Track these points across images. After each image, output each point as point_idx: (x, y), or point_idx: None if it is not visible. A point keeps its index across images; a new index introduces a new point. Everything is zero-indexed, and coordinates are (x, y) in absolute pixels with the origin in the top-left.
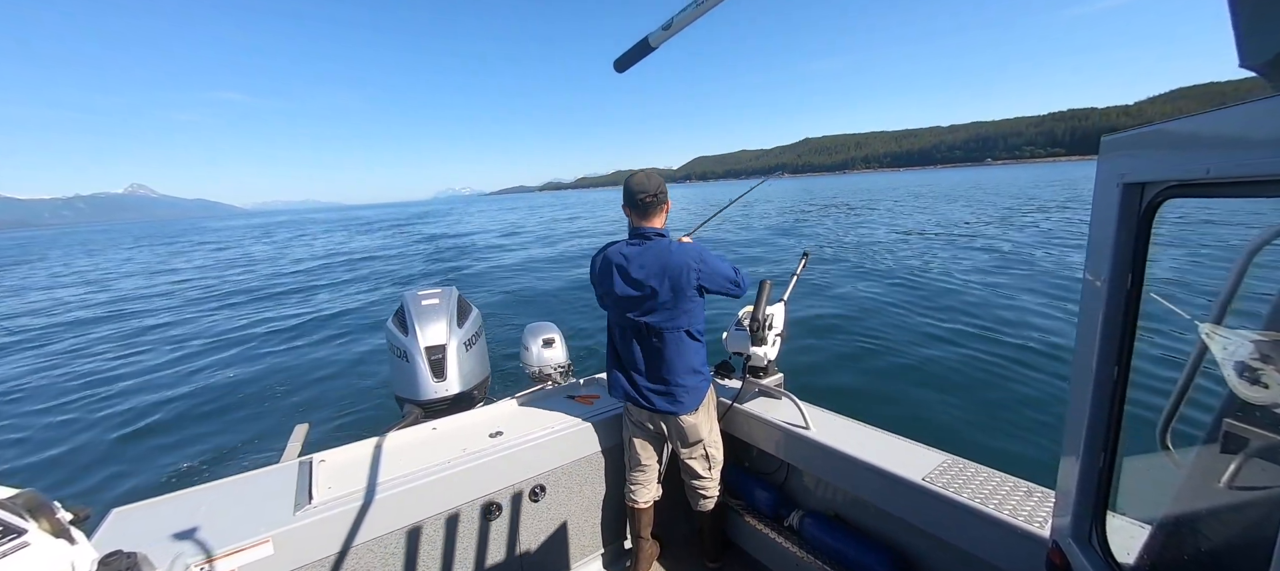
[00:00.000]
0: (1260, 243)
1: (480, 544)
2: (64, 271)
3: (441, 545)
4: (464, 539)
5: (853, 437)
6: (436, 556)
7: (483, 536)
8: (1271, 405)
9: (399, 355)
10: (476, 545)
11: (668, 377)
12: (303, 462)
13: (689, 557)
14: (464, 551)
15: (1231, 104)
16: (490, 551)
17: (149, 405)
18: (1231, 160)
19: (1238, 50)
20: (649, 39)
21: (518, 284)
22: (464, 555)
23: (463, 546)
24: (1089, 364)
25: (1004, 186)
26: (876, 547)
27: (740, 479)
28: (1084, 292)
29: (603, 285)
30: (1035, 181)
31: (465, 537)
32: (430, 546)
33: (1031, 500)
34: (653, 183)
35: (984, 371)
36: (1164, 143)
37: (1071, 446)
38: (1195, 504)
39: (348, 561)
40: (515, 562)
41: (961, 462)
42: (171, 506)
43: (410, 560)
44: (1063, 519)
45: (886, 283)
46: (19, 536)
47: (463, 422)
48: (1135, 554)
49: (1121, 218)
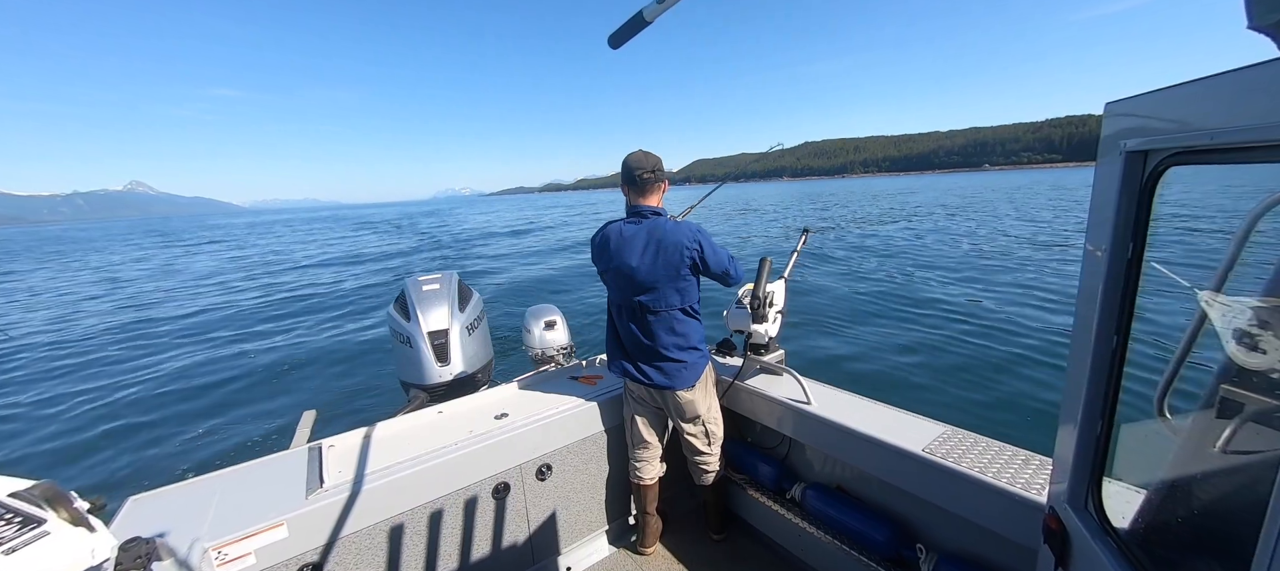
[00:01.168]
0: (1262, 209)
1: (488, 523)
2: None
3: (449, 525)
4: (472, 518)
5: (854, 411)
6: (444, 536)
7: (490, 516)
8: (1268, 370)
9: (402, 341)
10: (484, 524)
11: (664, 353)
12: (312, 448)
13: (693, 531)
14: (472, 530)
15: (1237, 67)
16: (498, 530)
17: (159, 396)
18: (1236, 127)
19: (1246, 11)
20: (644, 12)
21: (519, 270)
22: (472, 534)
23: (470, 526)
24: (1089, 332)
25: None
26: (878, 517)
27: (743, 454)
28: (1085, 262)
29: (601, 262)
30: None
31: (472, 517)
32: (438, 526)
33: (1029, 468)
34: (650, 160)
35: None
36: (1168, 109)
37: (1069, 414)
38: (1190, 468)
39: (359, 541)
40: (523, 540)
41: (961, 433)
42: (186, 493)
43: (419, 539)
44: (1059, 485)
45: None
46: (39, 525)
47: (468, 406)
48: (1130, 518)
49: (1124, 186)
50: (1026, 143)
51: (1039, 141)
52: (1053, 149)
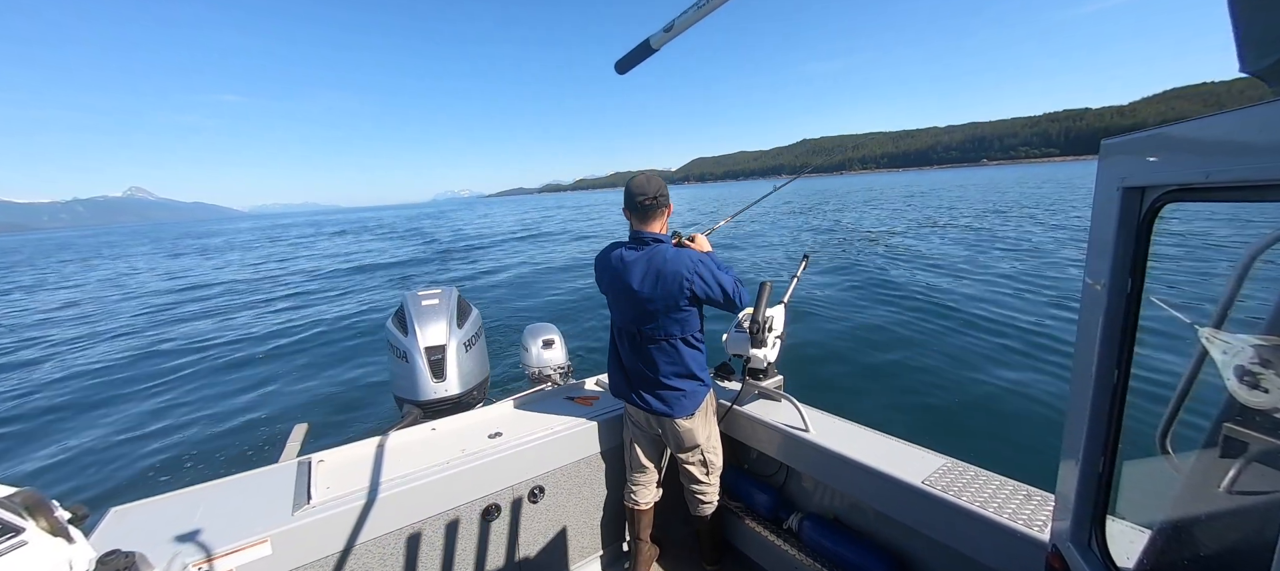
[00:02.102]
0: (1261, 247)
1: (479, 545)
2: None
3: (441, 546)
4: (463, 540)
5: (852, 440)
6: (435, 557)
7: (482, 537)
8: (1271, 409)
9: (398, 355)
10: (476, 546)
11: (663, 382)
12: (301, 462)
13: (688, 560)
14: (463, 552)
15: (1232, 108)
16: (489, 552)
17: (148, 405)
18: (1232, 164)
19: (1238, 56)
20: (650, 41)
21: (519, 283)
22: (463, 556)
23: (462, 547)
24: (1089, 367)
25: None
26: (875, 551)
27: (739, 481)
28: (1084, 296)
29: (601, 285)
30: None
31: (464, 538)
32: (429, 547)
33: (1031, 503)
34: (652, 186)
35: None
36: (1164, 146)
37: (1071, 450)
38: (1195, 508)
39: (346, 562)
40: (514, 564)
41: (961, 466)
42: (170, 505)
43: (409, 561)
44: (1062, 522)
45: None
46: (17, 535)
47: (462, 423)
48: (1135, 558)
49: (1122, 221)
50: (1024, 137)
51: (1036, 136)
52: (1050, 143)
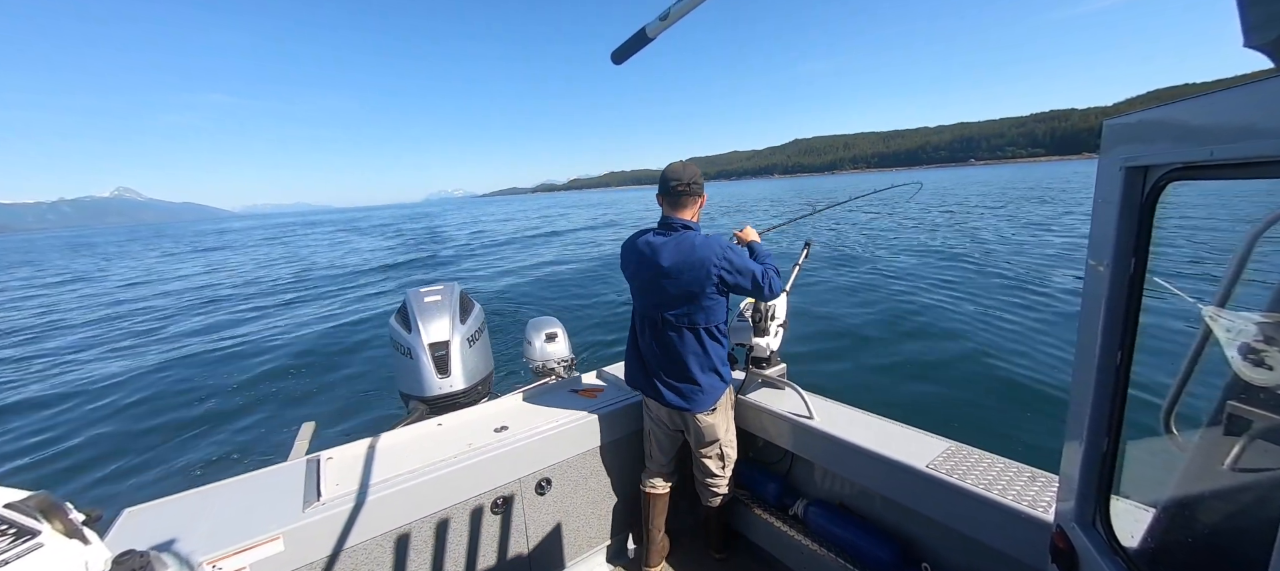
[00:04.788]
0: (1264, 225)
1: (486, 538)
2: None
3: (448, 539)
4: (470, 533)
5: (856, 426)
6: (443, 551)
7: (489, 530)
8: (1275, 386)
9: (403, 352)
10: (482, 539)
11: (683, 374)
12: (310, 460)
13: (695, 548)
14: (470, 545)
15: (1235, 85)
16: (496, 545)
17: (156, 407)
18: (1236, 142)
19: (1242, 29)
20: (646, 29)
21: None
22: (470, 549)
23: (469, 540)
24: (1092, 348)
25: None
26: (881, 535)
27: (745, 469)
28: (1087, 277)
29: (626, 272)
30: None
31: (471, 531)
32: (437, 540)
33: (1035, 485)
34: (687, 173)
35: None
36: (1167, 125)
37: (1075, 431)
38: (1198, 486)
39: (356, 556)
40: (522, 555)
41: (965, 449)
42: (182, 506)
43: (417, 554)
44: (1067, 503)
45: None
46: (33, 537)
47: (467, 418)
48: (1139, 536)
49: (1124, 202)
50: (1011, 137)
51: (1023, 136)
52: (1037, 143)
